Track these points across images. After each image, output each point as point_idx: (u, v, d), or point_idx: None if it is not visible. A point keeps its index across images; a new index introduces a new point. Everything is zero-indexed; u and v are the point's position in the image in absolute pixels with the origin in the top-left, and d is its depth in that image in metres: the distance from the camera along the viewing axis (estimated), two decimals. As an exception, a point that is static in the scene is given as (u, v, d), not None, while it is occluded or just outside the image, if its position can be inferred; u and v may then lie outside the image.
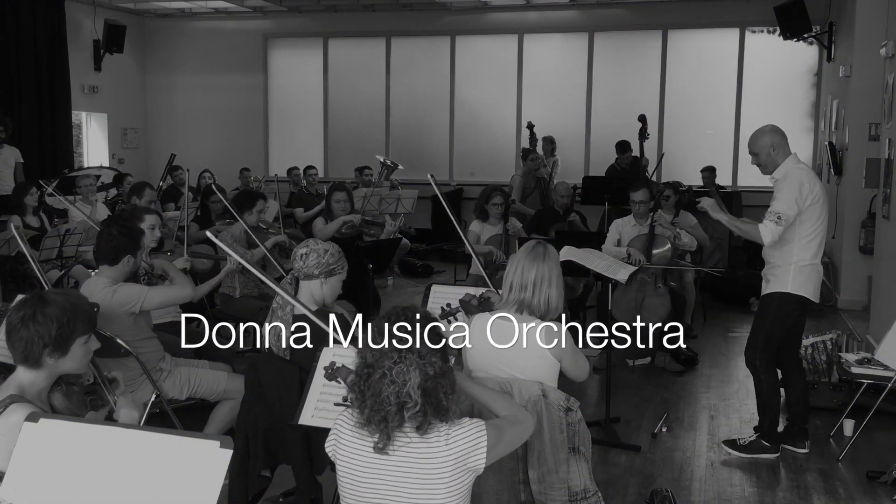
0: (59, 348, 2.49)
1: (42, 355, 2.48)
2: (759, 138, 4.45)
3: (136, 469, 1.88)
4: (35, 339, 2.46)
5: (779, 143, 4.38)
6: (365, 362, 2.20)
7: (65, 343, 2.50)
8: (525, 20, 11.99)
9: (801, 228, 4.31)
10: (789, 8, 9.73)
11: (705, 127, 11.53)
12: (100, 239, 4.15)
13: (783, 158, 4.37)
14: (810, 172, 4.36)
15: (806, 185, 4.26)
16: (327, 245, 3.53)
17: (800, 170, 4.33)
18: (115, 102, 12.86)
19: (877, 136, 7.75)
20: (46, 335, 2.46)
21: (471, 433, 2.19)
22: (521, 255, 3.18)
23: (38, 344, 2.46)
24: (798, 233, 4.31)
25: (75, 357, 2.54)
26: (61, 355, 2.50)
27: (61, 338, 2.48)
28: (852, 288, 8.34)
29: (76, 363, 2.55)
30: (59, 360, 2.50)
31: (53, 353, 2.49)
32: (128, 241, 4.07)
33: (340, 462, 2.23)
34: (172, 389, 4.11)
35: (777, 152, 4.37)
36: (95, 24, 12.17)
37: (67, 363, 2.53)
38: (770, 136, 4.40)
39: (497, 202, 6.60)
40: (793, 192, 4.26)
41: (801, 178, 4.27)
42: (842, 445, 4.67)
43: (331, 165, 12.86)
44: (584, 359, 3.21)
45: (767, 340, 4.45)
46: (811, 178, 4.31)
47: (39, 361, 2.49)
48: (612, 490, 4.09)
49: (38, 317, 2.47)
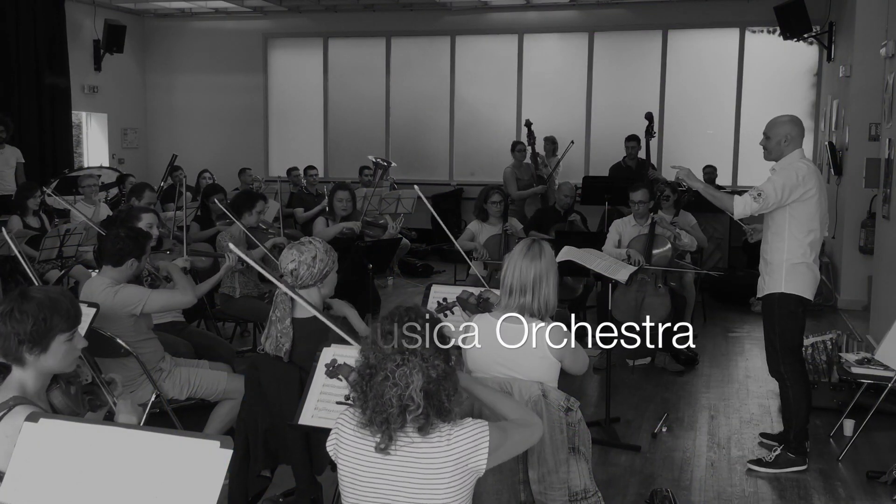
0: (37, 344, 2.46)
1: (20, 351, 2.45)
2: (778, 126, 4.38)
3: (136, 469, 1.88)
4: (11, 335, 2.44)
5: (793, 137, 4.33)
6: (368, 362, 2.20)
7: (42, 339, 2.46)
8: (525, 20, 11.99)
9: (792, 224, 4.27)
10: (789, 8, 9.73)
11: (705, 127, 11.53)
12: (106, 240, 4.16)
13: (791, 150, 4.34)
14: (811, 168, 4.30)
15: (801, 178, 4.21)
16: (312, 250, 3.38)
17: (801, 163, 4.28)
18: (115, 102, 12.86)
19: (877, 136, 7.75)
20: (22, 331, 2.44)
21: (473, 434, 2.18)
22: (517, 255, 3.14)
23: (13, 340, 2.44)
24: (789, 229, 4.27)
25: (57, 354, 2.50)
26: (41, 351, 2.47)
27: (38, 334, 2.45)
28: (852, 288, 8.34)
29: (59, 360, 2.51)
30: (39, 356, 2.47)
31: (32, 350, 2.46)
32: (134, 245, 4.09)
33: (342, 462, 2.23)
34: (172, 389, 4.11)
35: (788, 144, 4.33)
36: (95, 24, 12.17)
37: (49, 360, 2.49)
38: (788, 127, 4.34)
39: (496, 201, 6.61)
40: (784, 180, 4.23)
41: (799, 170, 4.23)
42: (842, 445, 4.67)
43: (331, 165, 12.86)
44: (583, 353, 3.20)
45: (784, 344, 4.37)
46: (809, 174, 4.24)
47: (20, 358, 2.46)
48: (612, 490, 4.09)
49: (15, 313, 2.45)
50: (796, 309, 4.34)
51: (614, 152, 10.09)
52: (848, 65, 8.63)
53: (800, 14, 9.69)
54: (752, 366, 6.39)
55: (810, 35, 10.05)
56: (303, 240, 3.47)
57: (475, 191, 8.76)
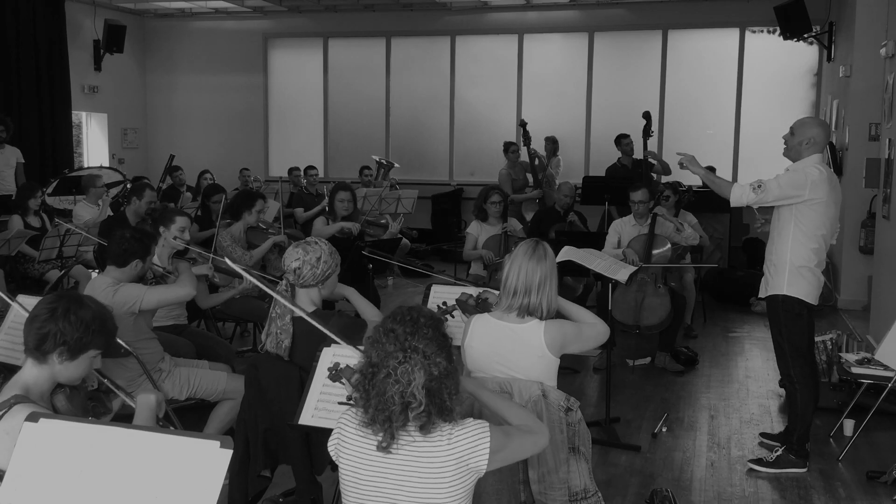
0: (73, 353, 2.48)
1: (53, 352, 2.46)
2: (806, 127, 4.32)
3: (136, 469, 1.88)
4: (57, 335, 2.45)
5: (816, 142, 4.28)
6: (370, 361, 2.20)
7: (80, 350, 2.49)
8: (525, 20, 11.99)
9: (797, 227, 4.24)
10: (789, 8, 9.73)
11: (705, 127, 11.53)
12: (111, 240, 4.17)
13: (810, 154, 4.28)
14: (824, 176, 4.21)
15: (810, 182, 4.16)
16: (318, 251, 3.37)
17: (815, 169, 4.22)
18: (115, 102, 12.86)
19: (877, 136, 7.75)
20: (69, 334, 2.46)
21: (474, 433, 2.19)
22: (520, 256, 3.13)
23: (57, 340, 2.45)
24: (794, 232, 4.25)
25: (80, 367, 2.53)
26: (70, 359, 2.49)
27: (79, 343, 2.48)
28: (852, 288, 8.34)
29: (76, 373, 2.54)
30: (64, 363, 2.49)
31: (63, 354, 2.47)
32: (139, 246, 4.11)
33: (343, 461, 2.24)
34: (172, 389, 4.12)
35: (809, 147, 4.27)
36: (95, 24, 12.17)
37: (70, 370, 2.51)
38: (815, 131, 4.28)
39: (495, 201, 6.61)
40: (790, 179, 4.21)
41: (810, 175, 4.18)
42: (842, 445, 4.67)
43: (331, 165, 12.86)
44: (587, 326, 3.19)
45: (792, 346, 4.35)
46: (821, 181, 4.18)
47: (46, 356, 2.47)
48: (612, 490, 4.09)
49: (70, 315, 2.47)
50: (801, 311, 4.32)
51: (614, 152, 10.09)
52: (848, 65, 8.63)
53: (800, 14, 9.69)
54: (752, 366, 6.39)
55: (810, 35, 10.05)
56: (308, 239, 3.48)
57: (475, 191, 8.76)
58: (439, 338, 2.21)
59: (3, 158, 8.74)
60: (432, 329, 2.21)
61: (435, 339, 2.20)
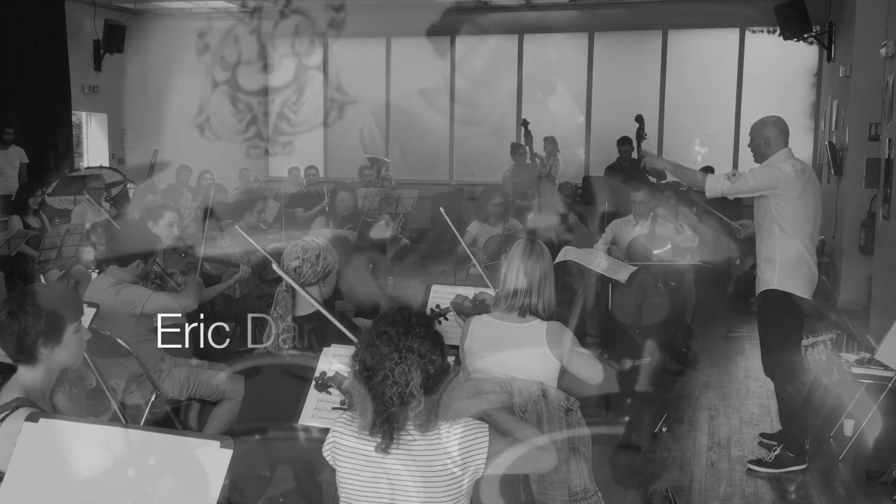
0: (53, 337, 2.46)
1: (36, 346, 2.45)
2: (760, 128, 4.46)
3: (137, 469, 1.88)
4: (27, 330, 2.44)
5: (773, 139, 4.38)
6: (364, 364, 2.19)
7: (57, 331, 2.47)
8: (525, 20, 11.98)
9: (780, 223, 4.29)
10: (789, 8, 9.72)
11: (705, 127, 11.53)
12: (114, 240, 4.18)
13: (774, 152, 4.37)
14: (797, 170, 4.27)
15: (781, 178, 4.22)
16: (317, 248, 3.37)
17: (786, 164, 4.28)
18: (115, 102, 12.84)
19: (877, 136, 7.75)
20: (38, 324, 2.44)
21: (471, 433, 2.19)
22: (518, 257, 3.12)
23: (30, 335, 2.44)
24: (777, 226, 4.30)
25: (69, 346, 2.50)
26: (55, 345, 2.47)
27: (53, 325, 2.46)
28: (852, 288, 8.32)
29: (70, 353, 2.52)
30: (53, 349, 2.47)
31: (47, 343, 2.46)
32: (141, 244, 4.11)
33: (341, 465, 2.23)
34: (172, 390, 4.12)
35: (769, 146, 4.38)
36: (95, 24, 12.16)
37: (62, 353, 2.50)
38: (768, 130, 4.40)
39: (497, 202, 6.61)
40: (765, 173, 4.28)
41: (783, 169, 4.26)
42: (842, 445, 4.66)
43: (331, 165, 12.85)
44: (592, 359, 3.13)
45: (777, 342, 4.37)
46: (795, 176, 4.24)
47: (34, 353, 2.46)
48: (612, 490, 4.08)
49: (26, 308, 2.45)
50: (790, 307, 4.34)
51: (614, 152, 10.09)
52: (848, 65, 8.63)
53: (800, 14, 9.68)
54: (752, 366, 6.38)
55: (810, 35, 10.04)
56: (307, 238, 3.48)
57: (475, 191, 8.77)
58: (432, 335, 2.22)
59: (7, 158, 8.76)
60: (424, 328, 2.21)
61: (428, 337, 2.20)
